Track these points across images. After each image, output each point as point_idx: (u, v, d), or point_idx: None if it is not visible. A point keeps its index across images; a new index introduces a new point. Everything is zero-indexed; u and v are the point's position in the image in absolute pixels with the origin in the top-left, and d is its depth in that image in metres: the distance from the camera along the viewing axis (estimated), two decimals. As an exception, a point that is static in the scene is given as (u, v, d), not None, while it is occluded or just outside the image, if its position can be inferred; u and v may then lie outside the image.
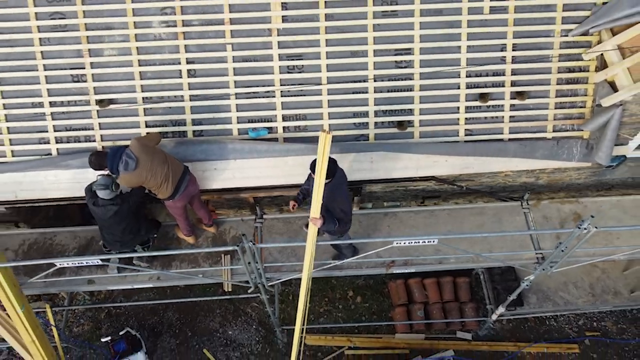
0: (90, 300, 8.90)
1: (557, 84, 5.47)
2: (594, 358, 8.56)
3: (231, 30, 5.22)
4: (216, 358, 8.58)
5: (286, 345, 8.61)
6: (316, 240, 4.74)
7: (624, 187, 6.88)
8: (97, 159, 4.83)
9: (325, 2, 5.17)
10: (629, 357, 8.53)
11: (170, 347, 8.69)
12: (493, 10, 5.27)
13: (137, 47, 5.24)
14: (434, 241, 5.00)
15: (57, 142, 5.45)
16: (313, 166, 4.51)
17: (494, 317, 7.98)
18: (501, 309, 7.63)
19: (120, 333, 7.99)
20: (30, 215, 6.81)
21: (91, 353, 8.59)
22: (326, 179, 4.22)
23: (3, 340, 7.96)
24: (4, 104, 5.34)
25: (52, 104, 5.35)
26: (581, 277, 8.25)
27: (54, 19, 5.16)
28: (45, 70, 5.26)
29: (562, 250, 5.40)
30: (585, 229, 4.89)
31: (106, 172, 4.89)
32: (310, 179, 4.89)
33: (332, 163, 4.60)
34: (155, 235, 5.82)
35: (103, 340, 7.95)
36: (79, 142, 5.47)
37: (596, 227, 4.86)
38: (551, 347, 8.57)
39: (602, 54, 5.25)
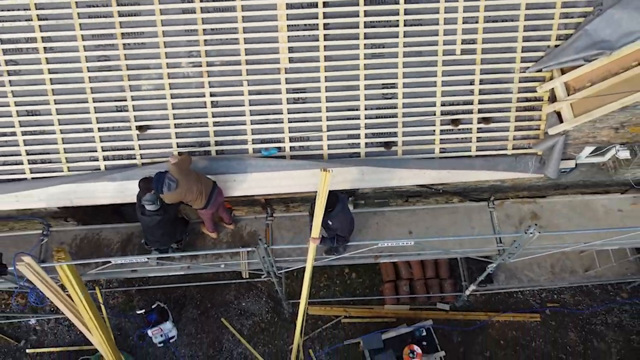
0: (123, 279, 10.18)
1: (517, 111, 6.49)
2: (553, 325, 9.91)
3: (247, 69, 6.21)
4: (232, 326, 9.93)
5: (291, 315, 9.94)
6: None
7: (577, 187, 7.98)
8: (145, 184, 5.95)
9: (324, 46, 6.13)
10: (582, 325, 9.89)
11: (192, 316, 10.03)
12: (463, 51, 6.22)
13: (169, 83, 6.23)
14: (411, 242, 6.20)
15: (104, 160, 6.52)
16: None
17: (468, 292, 9.27)
18: (473, 287, 8.92)
19: (152, 306, 9.30)
20: (75, 211, 7.96)
21: (126, 321, 9.95)
22: (334, 206, 5.36)
23: (51, 310, 9.27)
24: (61, 129, 6.38)
25: (100, 130, 6.39)
26: (544, 258, 9.43)
27: (101, 60, 6.13)
28: (94, 102, 6.27)
29: (516, 247, 6.60)
30: (531, 233, 6.08)
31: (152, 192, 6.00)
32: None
33: (335, 196, 5.76)
34: (188, 235, 7.01)
35: (138, 312, 9.28)
36: (122, 159, 6.54)
37: (539, 232, 6.04)
38: (517, 316, 9.91)
39: (552, 88, 6.26)
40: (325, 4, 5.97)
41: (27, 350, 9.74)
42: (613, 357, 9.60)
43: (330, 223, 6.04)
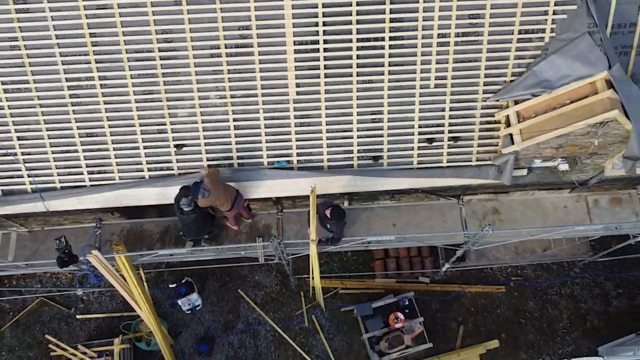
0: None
1: (479, 131, 7.88)
2: (515, 295, 11.60)
3: (262, 100, 7.58)
4: (247, 296, 11.63)
5: (297, 287, 11.62)
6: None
7: (533, 186, 9.45)
8: (184, 191, 7.46)
9: (325, 82, 7.50)
10: (540, 295, 11.58)
11: (214, 288, 11.70)
12: (437, 85, 7.58)
13: (200, 111, 7.62)
14: (392, 237, 7.77)
15: (148, 171, 7.97)
16: (322, 209, 7.20)
17: (444, 268, 10.90)
18: (448, 265, 10.55)
19: (182, 281, 10.97)
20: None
21: (158, 293, 11.63)
22: (339, 219, 6.95)
23: (94, 284, 10.84)
24: (113, 147, 7.81)
25: (145, 147, 7.81)
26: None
27: (145, 94, 7.50)
28: (140, 126, 7.66)
29: (476, 240, 8.17)
30: (486, 230, 7.64)
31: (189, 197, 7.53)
32: (321, 215, 7.56)
33: (343, 212, 7.28)
34: (215, 228, 8.59)
35: (170, 286, 10.96)
36: (162, 170, 7.99)
37: (492, 230, 7.60)
38: (485, 288, 11.57)
39: (507, 115, 7.66)
40: (325, 50, 7.30)
41: (77, 316, 11.46)
42: (564, 321, 11.35)
43: (329, 227, 7.59)
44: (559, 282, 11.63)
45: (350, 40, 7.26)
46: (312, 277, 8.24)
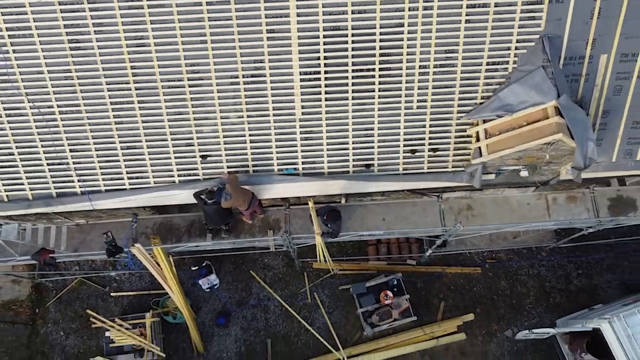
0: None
1: (454, 144, 9.28)
2: (490, 275, 13.16)
3: (274, 119, 8.96)
4: (258, 276, 13.19)
5: (301, 268, 13.17)
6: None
7: (503, 185, 10.87)
8: (209, 195, 8.91)
9: (325, 104, 8.87)
10: (511, 275, 13.15)
11: (229, 270, 13.24)
12: (418, 107, 8.93)
13: (222, 128, 9.00)
14: (381, 232, 9.27)
15: (178, 176, 9.39)
16: (322, 213, 8.71)
17: (428, 253, 12.43)
18: (430, 251, 12.10)
19: (202, 264, 12.52)
20: (150, 201, 10.94)
21: (181, 274, 13.16)
22: (335, 221, 8.44)
23: (124, 266, 12.38)
24: (149, 157, 9.20)
25: (175, 157, 9.20)
26: (484, 229, 12.53)
27: (177, 114, 8.87)
28: (172, 140, 9.04)
29: (450, 234, 9.67)
30: (458, 227, 9.13)
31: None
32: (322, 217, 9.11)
33: (339, 213, 8.77)
34: (232, 220, 10.09)
35: (193, 268, 12.51)
36: (190, 176, 9.40)
37: (463, 226, 9.09)
38: (464, 270, 13.12)
39: (477, 132, 9.05)
40: (326, 78, 8.64)
41: (112, 294, 13.07)
42: (530, 298, 12.94)
43: (328, 225, 9.10)
44: (528, 264, 13.18)
45: (347, 71, 8.58)
46: (323, 256, 9.93)
